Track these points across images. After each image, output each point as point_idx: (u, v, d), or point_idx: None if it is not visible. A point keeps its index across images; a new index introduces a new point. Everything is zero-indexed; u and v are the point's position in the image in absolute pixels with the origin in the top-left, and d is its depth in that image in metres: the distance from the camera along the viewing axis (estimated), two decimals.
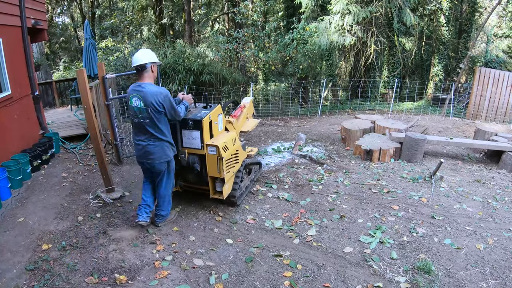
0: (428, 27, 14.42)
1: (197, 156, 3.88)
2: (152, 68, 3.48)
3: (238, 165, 4.25)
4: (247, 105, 5.22)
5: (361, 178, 5.59)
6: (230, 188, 4.11)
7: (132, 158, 5.95)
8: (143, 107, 3.34)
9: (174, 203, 4.07)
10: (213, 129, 3.89)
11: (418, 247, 3.61)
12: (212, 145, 3.71)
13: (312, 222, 4.03)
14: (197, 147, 3.80)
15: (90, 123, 3.88)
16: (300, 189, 4.99)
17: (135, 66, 3.42)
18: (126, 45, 15.71)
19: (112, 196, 4.35)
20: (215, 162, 3.74)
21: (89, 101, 3.80)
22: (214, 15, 22.20)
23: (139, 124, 3.45)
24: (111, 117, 5.15)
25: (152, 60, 3.46)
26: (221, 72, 12.81)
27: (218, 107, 4.01)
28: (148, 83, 3.41)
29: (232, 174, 4.08)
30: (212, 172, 3.84)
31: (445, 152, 7.53)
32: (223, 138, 3.92)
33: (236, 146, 4.13)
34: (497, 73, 11.42)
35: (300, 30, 10.77)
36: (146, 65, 3.41)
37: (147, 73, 3.45)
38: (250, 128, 5.10)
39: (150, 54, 3.48)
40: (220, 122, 4.07)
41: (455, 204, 4.74)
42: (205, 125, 3.72)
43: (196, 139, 3.75)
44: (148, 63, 3.42)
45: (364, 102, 13.83)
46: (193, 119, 3.70)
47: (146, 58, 3.42)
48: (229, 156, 3.90)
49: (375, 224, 4.06)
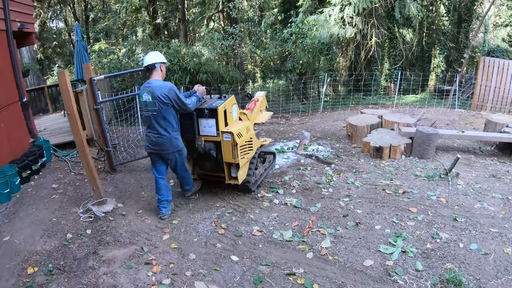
0: (427, 18, 14.01)
1: (213, 143, 4.11)
2: (161, 67, 3.87)
3: (252, 153, 4.45)
4: (260, 99, 5.44)
5: (373, 178, 5.21)
6: (245, 174, 4.34)
7: (127, 165, 5.58)
8: (151, 101, 3.67)
9: (171, 214, 3.69)
10: (228, 117, 4.12)
11: (443, 255, 3.27)
12: (227, 132, 3.93)
13: (326, 232, 3.65)
14: (213, 135, 4.04)
15: (75, 130, 3.48)
16: (308, 193, 4.60)
17: (146, 65, 3.83)
18: (120, 47, 15.30)
19: (103, 209, 3.97)
20: (230, 148, 3.97)
21: (72, 106, 3.40)
22: (209, 13, 21.82)
23: (149, 117, 3.76)
24: (101, 122, 4.77)
25: (161, 60, 3.86)
26: (218, 71, 12.54)
27: (232, 97, 4.28)
28: (156, 80, 3.79)
29: (246, 161, 4.27)
30: (227, 158, 4.05)
31: (456, 146, 7.16)
32: (237, 126, 4.14)
33: (250, 134, 4.34)
34: (501, 62, 11.07)
35: (299, 24, 10.36)
36: (155, 65, 3.81)
37: (156, 71, 3.83)
38: (263, 120, 5.32)
39: (159, 55, 3.89)
40: (234, 111, 4.32)
41: (475, 203, 4.41)
42: (220, 113, 3.96)
43: (212, 127, 4.01)
44: (157, 62, 3.82)
45: (365, 96, 13.45)
46: (209, 108, 3.95)
47: (155, 58, 3.82)
48: (243, 142, 4.10)
49: (395, 230, 3.70)
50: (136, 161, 5.87)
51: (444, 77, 15.05)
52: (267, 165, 5.27)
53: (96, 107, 4.70)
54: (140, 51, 13.78)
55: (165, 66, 3.95)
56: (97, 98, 4.67)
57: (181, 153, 3.93)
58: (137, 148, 6.79)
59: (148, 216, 3.97)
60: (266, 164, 5.26)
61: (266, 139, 5.37)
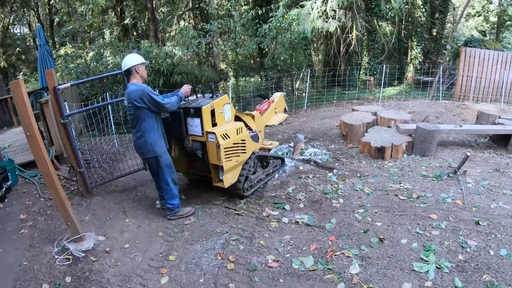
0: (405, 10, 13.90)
1: (200, 143, 3.99)
2: (137, 69, 3.70)
3: (245, 156, 4.21)
4: (275, 100, 5.39)
5: (381, 183, 4.80)
6: (235, 177, 4.12)
7: (104, 186, 4.87)
8: (128, 105, 3.65)
9: (167, 248, 3.06)
10: (217, 118, 3.94)
11: (477, 266, 3.00)
12: (211, 132, 3.75)
13: (350, 253, 3.16)
14: (198, 134, 3.91)
15: (38, 156, 2.77)
16: (318, 207, 4.10)
17: (123, 71, 3.74)
18: (87, 50, 14.30)
19: (82, 246, 3.29)
20: (215, 149, 3.77)
21: (32, 124, 2.68)
22: (178, 12, 20.97)
23: (130, 121, 3.77)
24: (70, 139, 4.05)
25: (135, 62, 3.69)
26: (192, 71, 11.90)
27: (224, 97, 4.10)
28: (132, 84, 3.67)
29: (234, 164, 4.02)
30: (212, 159, 3.87)
31: (452, 140, 6.91)
32: (225, 127, 3.94)
33: (241, 136, 4.10)
34: (482, 52, 11.10)
35: (279, 18, 9.84)
36: (130, 69, 3.68)
37: (132, 75, 3.70)
38: (276, 122, 5.23)
39: (134, 57, 3.74)
40: (227, 111, 4.11)
41: (490, 203, 4.16)
42: (205, 113, 3.80)
43: (197, 126, 3.88)
44: (131, 66, 3.66)
45: (346, 91, 13.17)
46: (194, 107, 3.84)
47: (129, 62, 3.68)
48: (229, 144, 3.88)
49: (422, 243, 3.33)
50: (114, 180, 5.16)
51: (422, 68, 15.06)
52: (271, 170, 4.98)
53: (63, 122, 3.98)
54: (108, 54, 12.86)
55: (143, 66, 3.79)
56: (63, 111, 3.95)
57: (160, 159, 3.76)
58: (113, 162, 6.06)
59: (138, 251, 3.31)
60: (270, 169, 4.96)
61: (272, 142, 5.10)
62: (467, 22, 18.65)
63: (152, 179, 5.14)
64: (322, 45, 15.07)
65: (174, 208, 3.92)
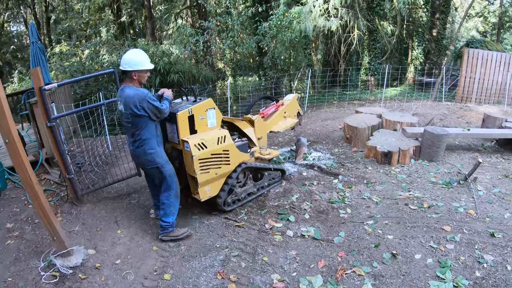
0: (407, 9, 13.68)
1: (178, 151, 3.69)
2: (134, 75, 3.30)
3: (229, 167, 3.83)
4: (286, 103, 4.96)
5: (389, 190, 4.55)
6: (216, 191, 3.79)
7: (95, 193, 4.58)
8: (124, 111, 3.28)
9: (162, 266, 2.79)
10: (197, 124, 3.62)
11: (496, 283, 2.84)
12: (186, 141, 3.47)
13: (362, 271, 2.91)
14: (175, 142, 3.64)
15: (19, 166, 2.48)
16: (325, 218, 3.84)
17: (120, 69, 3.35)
18: (82, 48, 13.97)
19: (70, 262, 3.00)
20: (190, 159, 3.47)
21: (10, 130, 2.37)
22: (176, 10, 20.66)
23: (126, 128, 3.43)
24: (57, 143, 3.75)
25: (136, 68, 3.27)
26: (190, 70, 11.61)
27: (208, 101, 3.71)
28: (128, 86, 3.29)
29: (214, 176, 3.68)
30: (188, 169, 3.60)
31: (458, 144, 6.70)
32: (204, 135, 3.62)
33: (224, 146, 3.71)
34: (485, 53, 10.89)
35: (280, 16, 9.55)
36: (127, 72, 3.29)
37: (128, 78, 3.32)
38: (282, 129, 4.80)
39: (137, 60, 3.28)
40: (210, 117, 3.74)
41: (504, 212, 3.98)
42: (181, 119, 3.50)
43: (175, 133, 3.59)
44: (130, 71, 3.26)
45: (346, 92, 12.94)
46: (171, 113, 3.50)
47: (130, 64, 3.26)
48: (206, 155, 3.55)
49: (437, 258, 3.12)
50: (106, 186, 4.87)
51: (423, 69, 14.85)
52: (266, 183, 4.47)
53: (50, 125, 3.68)
54: (104, 52, 12.55)
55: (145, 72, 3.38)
56: (50, 113, 3.66)
57: (163, 170, 3.42)
58: (106, 166, 5.77)
59: (130, 268, 3.02)
60: (265, 182, 4.45)
61: (271, 151, 4.46)
62: (467, 23, 18.47)
63: (145, 186, 4.88)
64: (322, 44, 14.81)
65: (168, 227, 3.48)
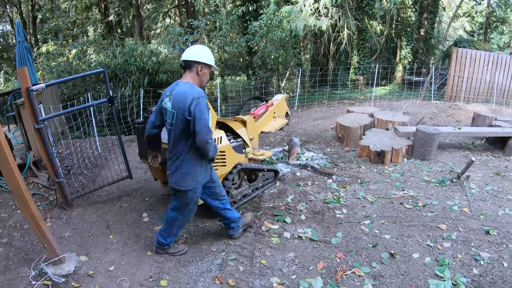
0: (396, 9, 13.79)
1: None
2: (200, 69, 2.86)
3: (225, 169, 3.72)
4: (275, 103, 4.94)
5: (383, 190, 4.55)
6: None
7: (85, 197, 4.46)
8: (170, 110, 2.78)
9: (158, 272, 2.70)
10: None
11: (493, 280, 2.88)
12: None
13: (361, 272, 2.89)
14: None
15: (4, 169, 2.36)
16: (321, 219, 3.81)
17: (180, 60, 2.91)
18: (69, 48, 13.70)
19: (62, 270, 2.89)
20: None
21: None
22: (164, 9, 20.45)
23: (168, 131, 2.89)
24: (45, 146, 3.63)
25: (202, 60, 2.84)
26: (178, 70, 11.50)
27: None
28: (185, 82, 2.82)
29: None
30: None
31: (448, 142, 6.77)
32: None
33: (220, 147, 3.56)
34: (474, 53, 11.05)
35: (270, 15, 9.51)
36: (191, 63, 2.84)
37: (191, 72, 2.86)
38: (273, 129, 4.73)
39: (203, 53, 2.86)
40: None
41: (497, 210, 4.04)
42: None
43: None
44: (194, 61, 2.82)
45: (336, 91, 12.98)
46: None
47: (194, 55, 2.83)
48: None
49: (435, 257, 3.14)
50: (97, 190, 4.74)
51: (411, 68, 15.00)
52: (260, 184, 4.41)
53: (37, 127, 3.56)
54: (92, 52, 12.33)
55: (209, 70, 2.95)
56: (37, 115, 3.54)
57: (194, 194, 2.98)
58: (95, 168, 5.64)
59: (125, 275, 2.93)
60: (259, 183, 4.39)
61: (264, 152, 4.39)
62: (454, 23, 18.75)
63: (137, 188, 4.80)
64: (311, 43, 14.82)
65: (164, 246, 3.16)
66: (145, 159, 4.02)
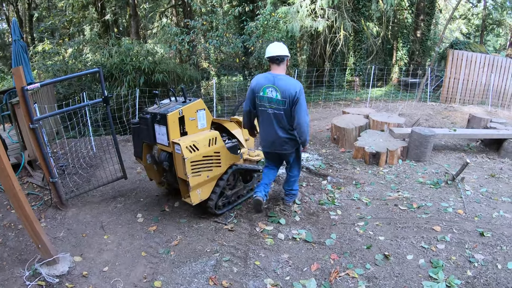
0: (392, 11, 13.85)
1: (168, 153, 3.66)
2: (287, 62, 3.59)
3: (220, 170, 3.73)
4: None
5: (378, 191, 4.57)
6: (207, 194, 3.68)
7: (80, 197, 4.44)
8: (280, 99, 3.42)
9: (152, 273, 2.69)
10: (187, 126, 3.57)
11: (487, 282, 2.88)
12: (177, 143, 3.34)
13: (355, 274, 2.90)
14: (165, 144, 3.54)
15: (1, 172, 2.36)
16: (315, 220, 3.82)
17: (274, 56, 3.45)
18: (65, 47, 13.63)
19: (56, 270, 2.88)
20: (181, 162, 3.35)
21: None
22: (161, 9, 20.42)
23: (271, 115, 3.52)
24: (40, 146, 3.61)
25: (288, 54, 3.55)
26: (174, 70, 11.49)
27: (198, 102, 3.66)
28: (283, 75, 3.47)
29: (205, 179, 3.57)
30: (179, 172, 3.49)
31: (444, 144, 6.80)
32: (196, 137, 3.51)
33: (215, 147, 3.62)
34: (469, 55, 11.10)
35: (267, 16, 9.52)
36: (284, 58, 3.49)
37: (283, 64, 3.53)
38: None
39: (286, 48, 3.57)
40: (200, 118, 3.69)
41: (491, 212, 4.05)
42: (171, 120, 3.42)
43: (164, 135, 3.50)
44: (286, 56, 3.49)
45: (332, 92, 13.02)
46: (160, 114, 3.46)
47: (283, 51, 3.49)
48: (198, 157, 3.44)
49: (429, 259, 3.15)
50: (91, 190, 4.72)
51: (407, 70, 15.07)
52: (255, 185, 4.41)
53: (32, 127, 3.54)
54: (88, 51, 12.26)
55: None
56: (32, 114, 3.52)
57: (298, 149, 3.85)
58: (90, 168, 5.62)
59: (119, 275, 2.92)
60: (254, 183, 4.41)
61: (259, 152, 4.40)
62: (450, 25, 18.85)
63: (132, 189, 4.79)
64: (307, 44, 14.86)
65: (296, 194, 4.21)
66: (140, 159, 4.02)
